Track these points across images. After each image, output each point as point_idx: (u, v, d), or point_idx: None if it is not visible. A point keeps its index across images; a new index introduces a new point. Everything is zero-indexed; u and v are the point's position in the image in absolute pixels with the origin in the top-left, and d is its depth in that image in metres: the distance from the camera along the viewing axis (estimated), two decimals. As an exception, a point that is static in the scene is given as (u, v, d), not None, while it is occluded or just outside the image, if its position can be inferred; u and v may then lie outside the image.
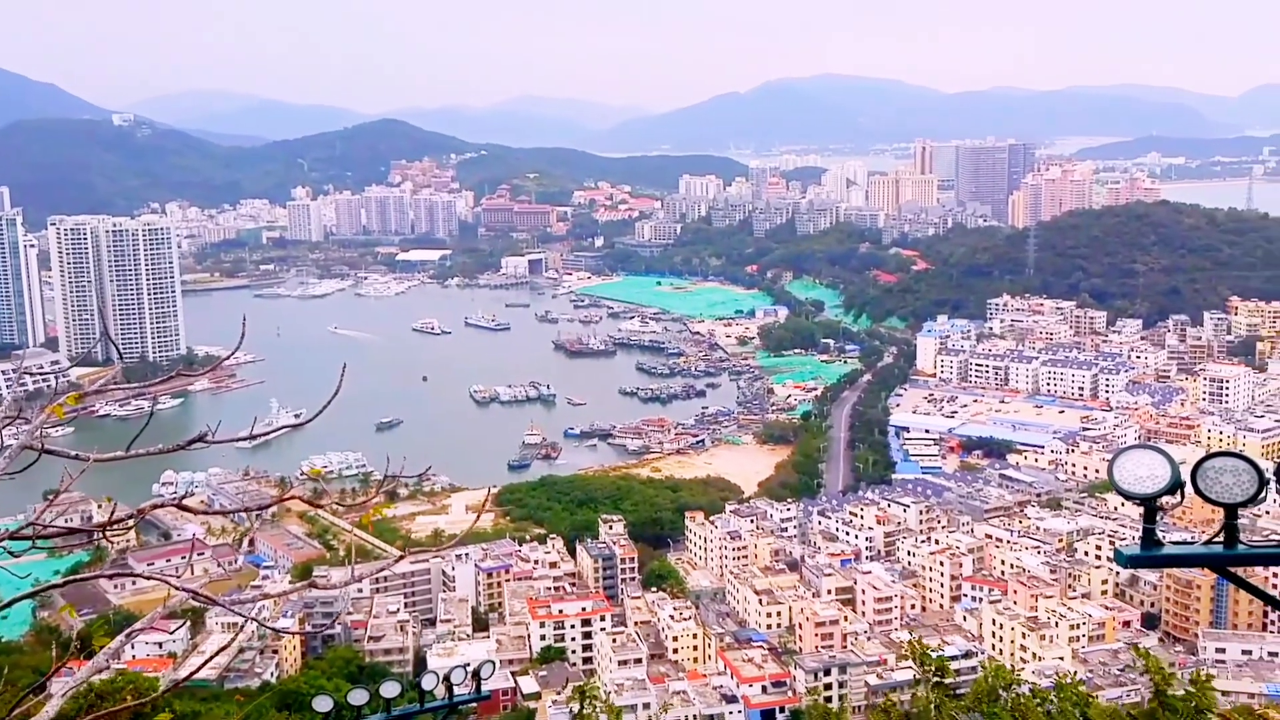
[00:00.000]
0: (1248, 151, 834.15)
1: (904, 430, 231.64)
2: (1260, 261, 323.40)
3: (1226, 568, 10.70)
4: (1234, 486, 9.96)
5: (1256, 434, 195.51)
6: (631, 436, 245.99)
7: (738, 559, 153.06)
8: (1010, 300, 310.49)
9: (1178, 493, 10.08)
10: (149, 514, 32.16)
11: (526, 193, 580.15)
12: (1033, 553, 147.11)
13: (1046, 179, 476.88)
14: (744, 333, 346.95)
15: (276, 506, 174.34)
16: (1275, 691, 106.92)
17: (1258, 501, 9.94)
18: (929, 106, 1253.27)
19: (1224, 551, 10.33)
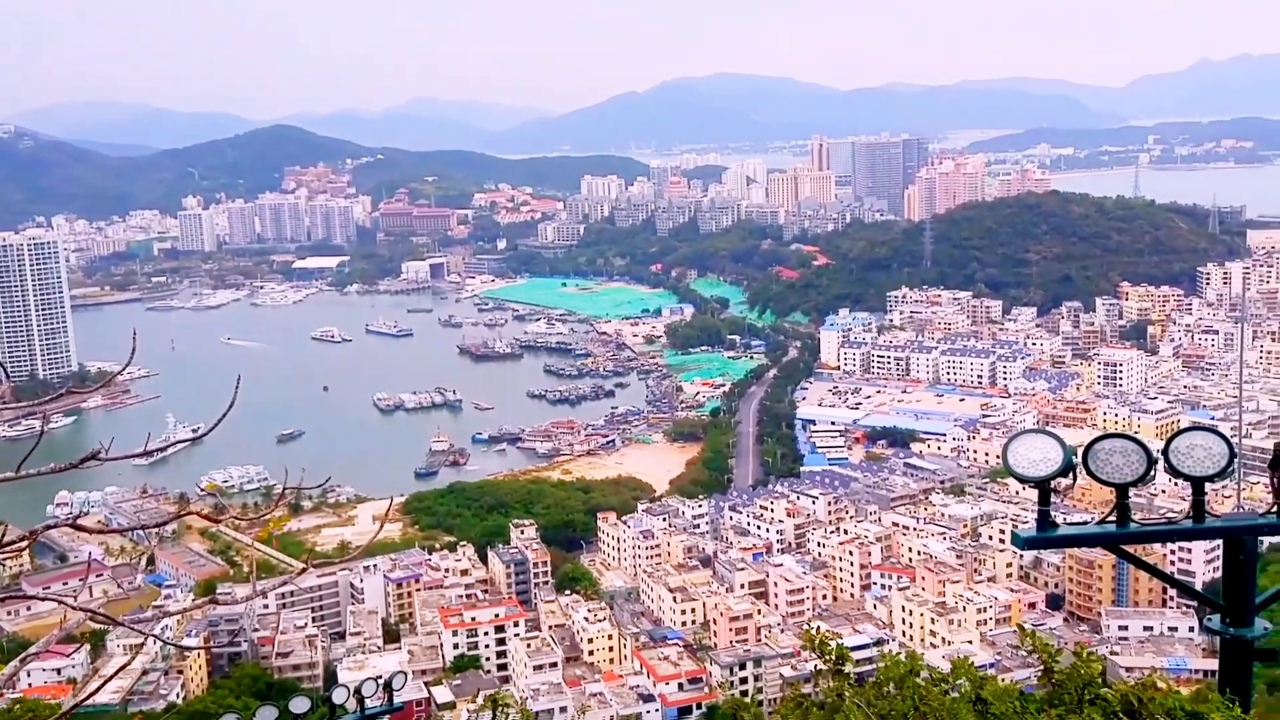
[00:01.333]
0: (1133, 141, 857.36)
1: (810, 423, 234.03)
2: (1148, 247, 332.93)
3: (1120, 546, 10.88)
4: (1124, 467, 10.11)
5: (1150, 415, 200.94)
6: (541, 439, 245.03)
7: (651, 558, 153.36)
8: (909, 292, 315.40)
9: (1070, 475, 10.21)
10: (42, 535, 30.92)
11: (425, 196, 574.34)
12: (939, 539, 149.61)
13: (940, 173, 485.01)
14: (651, 332, 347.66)
15: (177, 524, 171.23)
16: (1176, 666, 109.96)
17: (1147, 481, 10.09)
18: (824, 103, 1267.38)
19: (1117, 530, 10.49)
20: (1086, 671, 9.94)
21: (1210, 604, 10.68)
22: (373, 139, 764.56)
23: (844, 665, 11.46)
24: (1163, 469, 10.17)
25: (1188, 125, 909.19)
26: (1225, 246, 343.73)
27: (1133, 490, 10.32)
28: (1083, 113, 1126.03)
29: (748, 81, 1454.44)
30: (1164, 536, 10.73)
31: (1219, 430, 10.19)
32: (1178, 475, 10.07)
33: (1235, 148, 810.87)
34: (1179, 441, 10.07)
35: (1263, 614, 10.50)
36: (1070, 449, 10.26)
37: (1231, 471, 10.26)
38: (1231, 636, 10.49)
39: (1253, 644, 10.50)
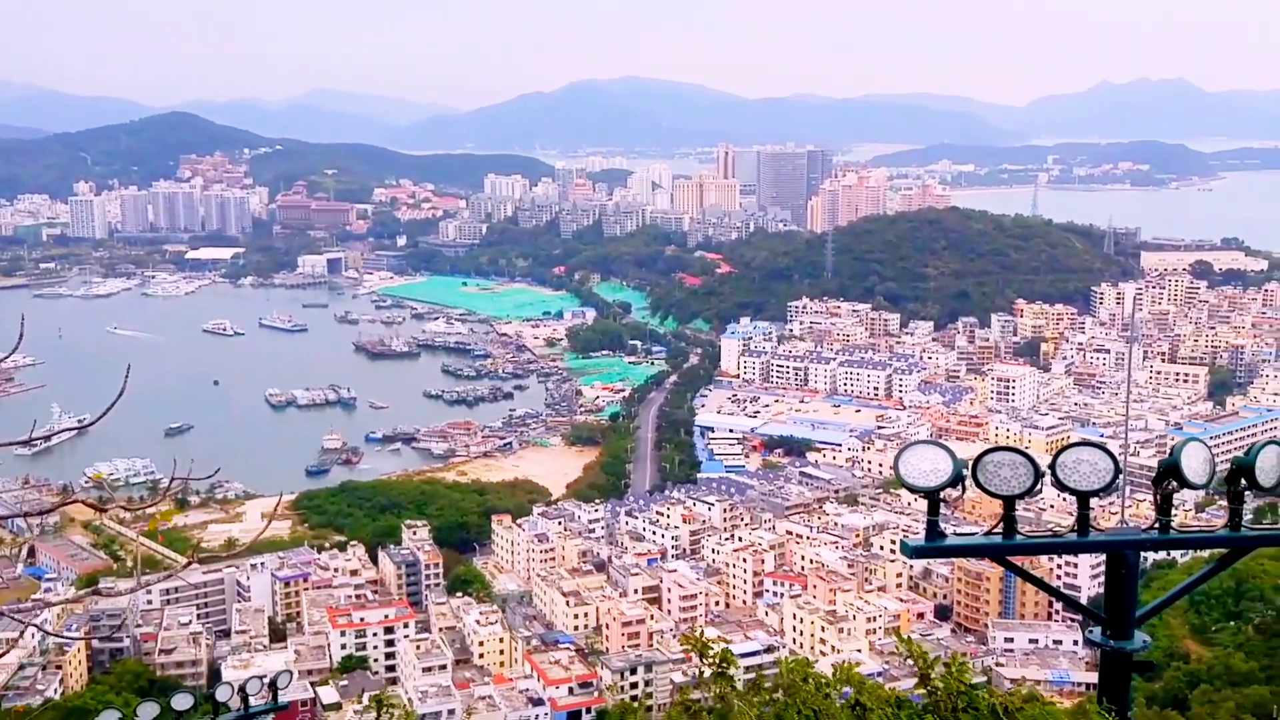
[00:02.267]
0: (1033, 160, 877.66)
1: (709, 430, 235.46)
2: (1044, 266, 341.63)
3: (1005, 557, 10.93)
4: (1011, 479, 10.14)
5: (1041, 431, 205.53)
6: (436, 440, 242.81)
7: (545, 561, 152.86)
8: (809, 303, 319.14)
9: (959, 486, 10.22)
10: (-97, 528, 29.54)
11: (324, 190, 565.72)
12: (831, 548, 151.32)
13: (843, 185, 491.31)
14: (552, 334, 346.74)
15: (58, 516, 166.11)
16: (1059, 678, 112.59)
17: (1034, 494, 10.13)
18: (731, 111, 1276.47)
19: (1003, 542, 10.53)
20: (958, 680, 9.95)
21: (1092, 616, 10.76)
22: (272, 129, 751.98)
23: (727, 669, 11.36)
24: (1049, 483, 10.23)
25: (1087, 146, 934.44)
26: (1119, 267, 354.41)
27: (1020, 503, 10.38)
28: (984, 130, 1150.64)
29: (657, 86, 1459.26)
30: (1049, 549, 10.82)
31: (1105, 446, 10.27)
32: (1064, 489, 10.13)
33: (1132, 170, 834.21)
34: (1065, 456, 10.13)
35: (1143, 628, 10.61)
36: (960, 461, 10.28)
37: (1117, 487, 10.35)
38: (1111, 649, 10.59)
39: (1132, 656, 10.61)
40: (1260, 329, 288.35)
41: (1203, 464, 10.12)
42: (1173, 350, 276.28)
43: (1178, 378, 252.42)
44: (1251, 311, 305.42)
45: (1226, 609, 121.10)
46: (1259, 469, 10.14)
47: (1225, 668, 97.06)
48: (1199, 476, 10.08)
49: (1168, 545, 10.68)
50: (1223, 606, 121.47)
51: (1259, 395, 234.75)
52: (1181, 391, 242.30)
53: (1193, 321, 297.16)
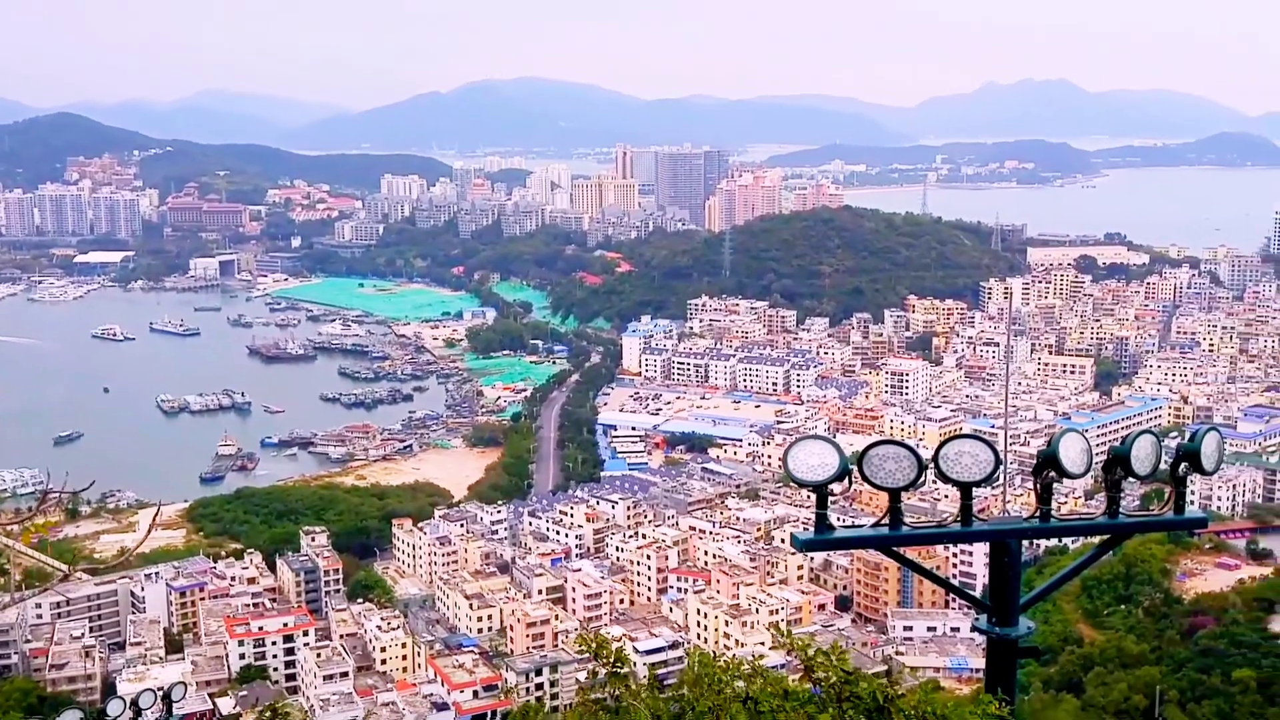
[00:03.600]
0: (922, 159, 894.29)
1: (611, 428, 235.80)
2: (934, 262, 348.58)
3: (892, 548, 11.14)
4: (896, 472, 10.32)
5: (934, 423, 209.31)
6: (334, 444, 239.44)
7: (447, 564, 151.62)
8: (709, 301, 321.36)
9: (846, 480, 10.38)
10: None
11: (216, 191, 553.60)
12: (733, 542, 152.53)
13: (740, 185, 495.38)
14: (451, 335, 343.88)
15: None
16: (958, 665, 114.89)
17: (918, 485, 10.33)
18: (628, 112, 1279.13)
19: (889, 533, 10.72)
20: (839, 669, 10.12)
21: (977, 604, 11.01)
22: (162, 130, 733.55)
23: (622, 667, 11.40)
24: (933, 475, 10.44)
25: (974, 146, 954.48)
26: (1007, 263, 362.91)
27: (905, 494, 10.58)
28: (875, 131, 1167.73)
29: (554, 86, 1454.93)
30: (934, 539, 11.02)
31: (985, 438, 10.52)
32: (947, 480, 10.34)
33: (1018, 168, 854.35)
34: (948, 448, 10.34)
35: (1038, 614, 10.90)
36: (846, 455, 10.43)
37: (998, 477, 10.60)
38: (997, 636, 10.84)
39: (1017, 643, 10.87)
40: (1143, 321, 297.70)
41: (1080, 454, 10.41)
42: (1059, 342, 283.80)
43: (1065, 369, 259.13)
44: (1134, 304, 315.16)
45: (1117, 593, 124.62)
46: (1134, 457, 10.47)
47: (1117, 650, 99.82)
48: (1077, 466, 10.37)
49: (1048, 533, 10.97)
50: (1113, 590, 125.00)
51: (1143, 385, 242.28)
52: (1069, 382, 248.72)
53: (1078, 314, 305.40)
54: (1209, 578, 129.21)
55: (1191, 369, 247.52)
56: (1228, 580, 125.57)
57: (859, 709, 9.91)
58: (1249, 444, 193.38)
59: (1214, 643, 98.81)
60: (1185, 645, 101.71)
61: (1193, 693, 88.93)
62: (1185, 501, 11.00)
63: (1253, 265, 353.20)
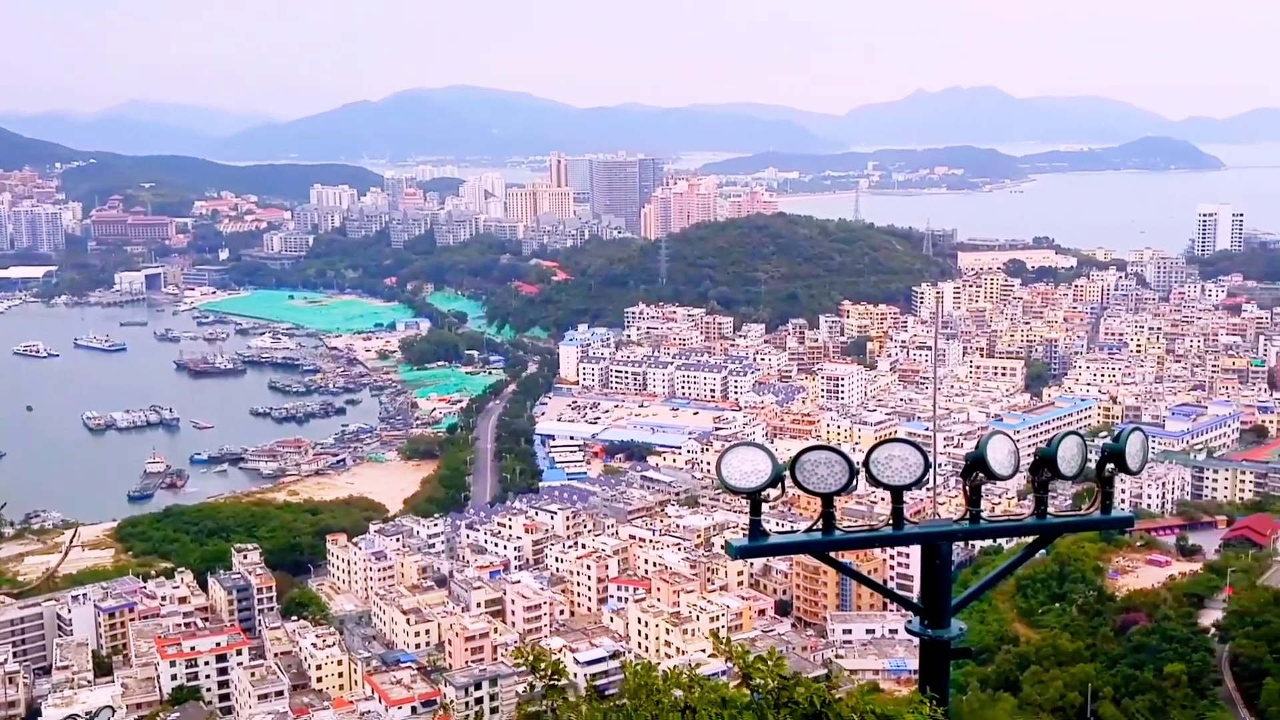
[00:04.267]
0: (854, 166, 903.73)
1: (550, 438, 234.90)
2: (868, 268, 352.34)
3: (825, 553, 11.14)
4: (828, 477, 10.32)
5: (869, 426, 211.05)
6: (266, 459, 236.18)
7: (383, 580, 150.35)
8: (645, 308, 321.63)
9: (779, 485, 10.36)
10: None
11: (141, 204, 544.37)
12: (674, 550, 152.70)
13: (675, 193, 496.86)
14: (384, 346, 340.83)
15: None
16: (896, 667, 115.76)
17: (849, 490, 10.33)
18: (562, 120, 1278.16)
19: (823, 538, 10.72)
20: (776, 675, 10.09)
21: (909, 606, 11.04)
22: (85, 142, 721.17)
23: (559, 679, 11.29)
24: (864, 479, 10.47)
25: (904, 153, 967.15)
26: (938, 267, 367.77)
27: (837, 498, 10.59)
28: (807, 139, 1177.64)
29: (486, 94, 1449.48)
30: (865, 543, 11.06)
31: (915, 442, 10.56)
32: (877, 484, 10.37)
33: (947, 174, 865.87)
34: (878, 453, 10.38)
35: (971, 614, 10.95)
36: (779, 461, 10.42)
37: (928, 480, 10.65)
38: (930, 638, 10.88)
39: (949, 644, 10.91)
40: (1071, 323, 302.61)
41: (1007, 456, 10.50)
42: (991, 345, 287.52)
43: (996, 371, 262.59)
44: (1063, 306, 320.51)
45: (1051, 591, 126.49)
46: (1060, 458, 10.58)
47: (1052, 648, 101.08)
48: (1004, 468, 10.46)
49: (978, 535, 11.04)
50: (1048, 589, 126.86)
51: (1073, 386, 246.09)
52: (1000, 384, 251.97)
53: (1008, 317, 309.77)
54: (1140, 575, 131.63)
55: (1120, 369, 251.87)
56: (1159, 577, 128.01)
57: (796, 714, 9.89)
58: (1177, 442, 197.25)
59: (1146, 638, 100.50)
60: (1118, 642, 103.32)
61: (1126, 688, 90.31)
62: (1112, 501, 11.12)
63: (1178, 267, 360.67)
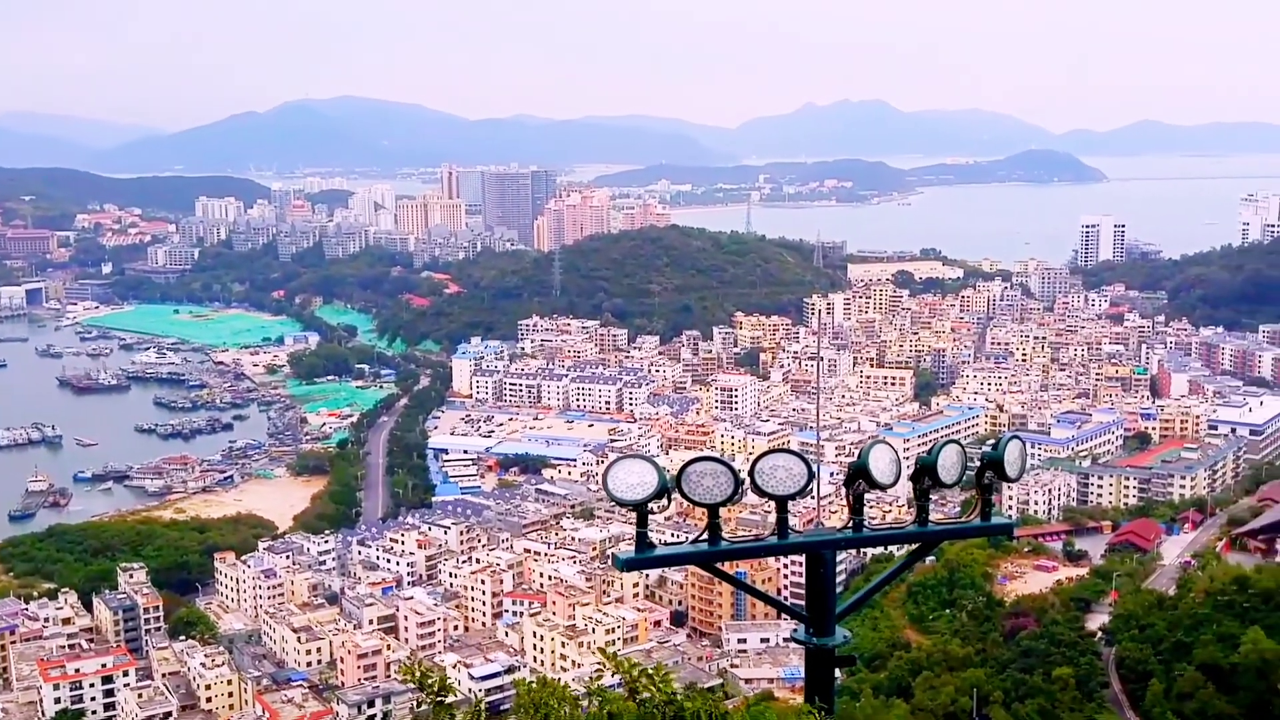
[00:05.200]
0: (745, 179, 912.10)
1: (442, 452, 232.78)
2: (760, 280, 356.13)
3: (711, 563, 11.17)
4: (714, 488, 10.36)
5: (763, 436, 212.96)
6: (151, 477, 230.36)
7: (273, 598, 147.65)
8: (539, 321, 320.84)
9: (665, 497, 10.38)
10: None
11: (21, 217, 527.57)
12: (569, 563, 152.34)
13: (568, 205, 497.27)
14: (273, 361, 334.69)
15: None
16: (791, 675, 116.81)
17: (735, 501, 10.39)
18: (453, 132, 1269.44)
19: (709, 549, 10.75)
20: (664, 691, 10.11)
21: (794, 615, 11.13)
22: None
23: (446, 696, 11.20)
24: (750, 490, 10.53)
25: (795, 165, 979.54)
26: (829, 279, 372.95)
27: (723, 509, 10.63)
28: (699, 151, 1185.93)
29: (375, 106, 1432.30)
30: (751, 553, 11.11)
31: (799, 452, 10.66)
32: (763, 494, 10.44)
33: (837, 187, 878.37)
34: (763, 463, 10.45)
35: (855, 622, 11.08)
36: (664, 473, 10.44)
37: (812, 490, 10.75)
38: (814, 646, 10.98)
39: (834, 652, 11.02)
40: (959, 333, 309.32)
41: (889, 464, 10.65)
42: (880, 355, 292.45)
43: (886, 381, 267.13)
44: (950, 316, 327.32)
45: (942, 598, 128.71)
46: (940, 467, 10.77)
47: (943, 654, 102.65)
48: (886, 477, 10.60)
49: (861, 543, 11.17)
50: (938, 596, 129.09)
51: (961, 394, 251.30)
52: (890, 394, 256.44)
53: (897, 328, 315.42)
54: (1028, 580, 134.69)
55: (1006, 378, 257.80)
56: (1046, 582, 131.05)
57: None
58: (1062, 449, 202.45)
59: (1034, 643, 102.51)
60: (1007, 646, 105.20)
61: (1016, 692, 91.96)
62: (991, 508, 11.33)
63: (1061, 277, 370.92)
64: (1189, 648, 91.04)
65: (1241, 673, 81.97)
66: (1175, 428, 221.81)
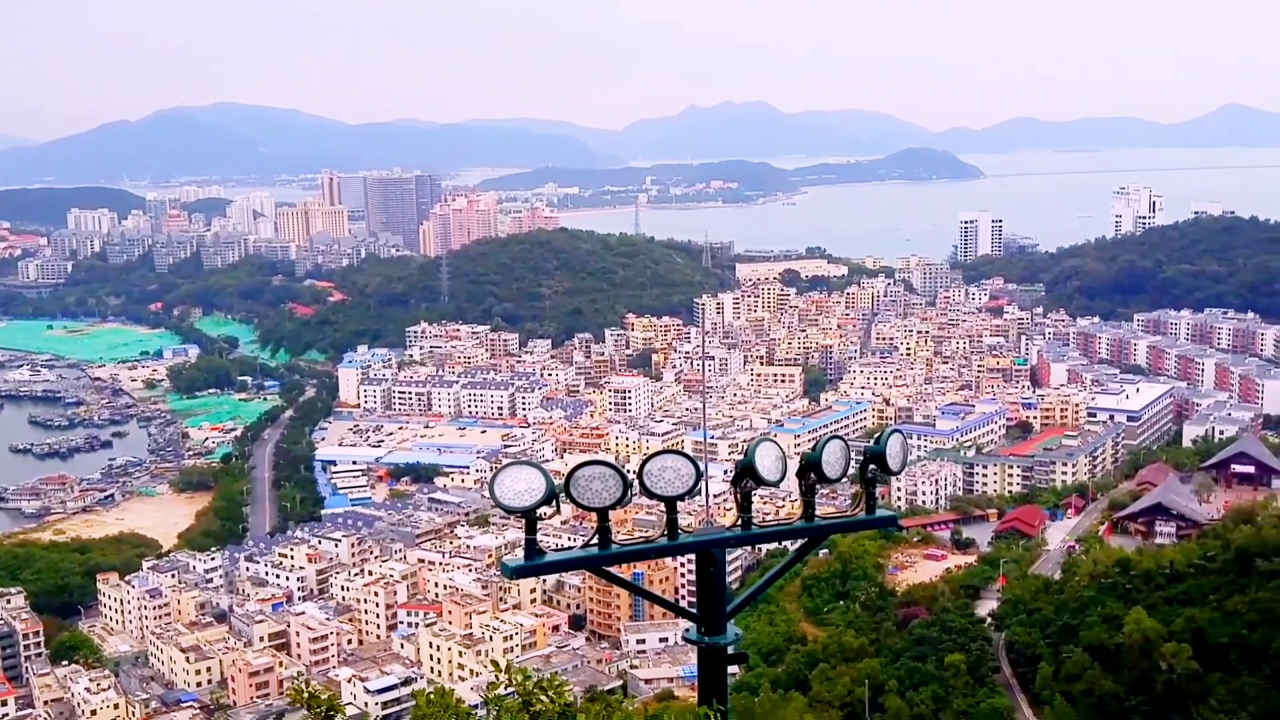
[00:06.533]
0: (632, 181, 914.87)
1: (331, 464, 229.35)
2: (650, 281, 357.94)
3: (602, 567, 11.15)
4: (603, 492, 10.33)
5: (657, 437, 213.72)
6: (28, 498, 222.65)
7: (159, 618, 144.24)
8: (428, 327, 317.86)
9: (554, 503, 10.32)
10: None
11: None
12: (465, 571, 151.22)
13: (454, 209, 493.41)
14: (152, 375, 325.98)
15: None
16: (690, 673, 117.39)
17: (624, 504, 10.37)
18: (333, 137, 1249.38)
19: (599, 553, 10.73)
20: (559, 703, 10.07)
21: (685, 615, 11.15)
22: None
23: (335, 715, 10.99)
24: (639, 492, 10.52)
25: (681, 167, 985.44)
26: (718, 279, 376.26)
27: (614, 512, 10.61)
28: (585, 154, 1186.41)
29: (252, 112, 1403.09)
30: (641, 555, 11.09)
31: (687, 453, 10.68)
32: (651, 496, 10.44)
33: (723, 188, 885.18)
34: (651, 465, 10.44)
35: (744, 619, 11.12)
36: (553, 479, 10.38)
37: (700, 490, 10.79)
38: (706, 645, 11.01)
39: (726, 650, 11.07)
40: (845, 329, 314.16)
41: (775, 461, 10.73)
42: (770, 353, 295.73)
43: (776, 378, 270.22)
44: (836, 314, 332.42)
45: (836, 590, 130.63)
46: (825, 462, 10.88)
47: (838, 645, 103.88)
48: (772, 474, 10.68)
49: (749, 541, 11.23)
50: (832, 589, 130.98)
51: (849, 390, 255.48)
52: (780, 391, 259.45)
53: (785, 326, 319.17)
54: (919, 569, 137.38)
55: (892, 372, 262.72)
56: (936, 570, 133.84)
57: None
58: (948, 440, 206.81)
59: (926, 631, 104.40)
60: (900, 635, 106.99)
61: (910, 680, 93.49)
62: (875, 502, 11.49)
63: (942, 272, 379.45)
64: (1075, 630, 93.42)
65: (1125, 652, 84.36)
66: (1056, 416, 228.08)
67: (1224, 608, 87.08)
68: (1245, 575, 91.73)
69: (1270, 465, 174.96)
